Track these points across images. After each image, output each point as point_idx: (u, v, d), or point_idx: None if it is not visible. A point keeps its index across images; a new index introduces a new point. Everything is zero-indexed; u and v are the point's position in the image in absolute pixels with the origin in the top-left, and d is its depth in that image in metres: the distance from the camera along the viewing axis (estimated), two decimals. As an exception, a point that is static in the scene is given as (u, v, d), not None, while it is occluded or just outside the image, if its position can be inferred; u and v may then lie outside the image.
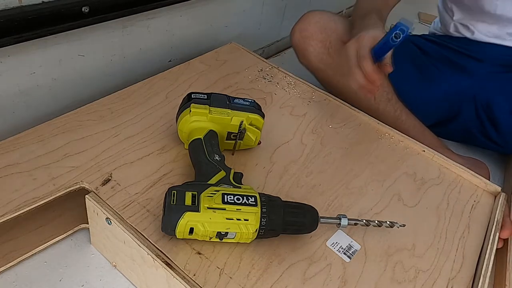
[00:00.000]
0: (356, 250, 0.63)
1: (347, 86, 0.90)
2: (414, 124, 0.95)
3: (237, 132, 0.70)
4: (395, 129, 0.89)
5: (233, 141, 0.71)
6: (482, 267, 0.65)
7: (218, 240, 0.56)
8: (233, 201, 0.56)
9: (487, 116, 1.01)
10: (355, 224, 0.64)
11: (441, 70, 1.07)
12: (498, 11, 0.98)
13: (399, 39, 0.67)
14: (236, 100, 0.71)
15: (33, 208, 0.58)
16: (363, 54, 0.74)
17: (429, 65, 1.08)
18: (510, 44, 1.03)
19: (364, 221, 0.64)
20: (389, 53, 0.74)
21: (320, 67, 0.98)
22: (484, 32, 1.04)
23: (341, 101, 0.94)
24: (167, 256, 0.55)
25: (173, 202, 0.54)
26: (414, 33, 0.82)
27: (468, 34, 1.08)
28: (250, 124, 0.70)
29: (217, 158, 0.64)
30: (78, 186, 0.62)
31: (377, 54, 0.74)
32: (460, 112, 1.04)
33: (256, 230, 0.56)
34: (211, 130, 0.67)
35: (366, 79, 0.74)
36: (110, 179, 0.64)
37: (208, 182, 0.59)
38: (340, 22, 1.00)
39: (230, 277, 0.55)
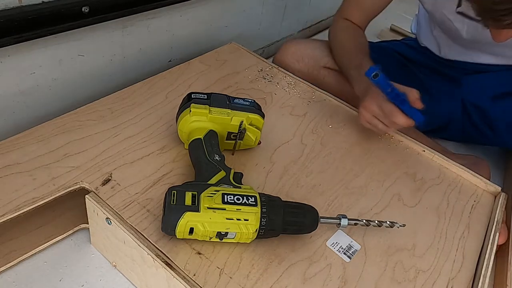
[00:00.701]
0: (356, 250, 0.63)
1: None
2: (406, 132, 0.96)
3: (237, 132, 0.70)
4: None
5: (233, 141, 0.71)
6: (482, 267, 0.65)
7: (218, 240, 0.56)
8: (233, 201, 0.56)
9: (479, 116, 1.02)
10: (355, 224, 0.64)
11: (427, 77, 1.08)
12: (465, 35, 0.98)
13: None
14: (236, 100, 0.71)
15: (33, 208, 0.58)
16: (390, 110, 0.76)
17: (416, 72, 1.10)
18: (478, 61, 1.03)
19: (364, 221, 0.64)
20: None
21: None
22: (449, 52, 1.05)
23: (341, 101, 0.94)
24: (167, 256, 0.55)
25: (173, 202, 0.54)
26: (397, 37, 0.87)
27: (436, 51, 1.08)
28: (250, 124, 0.70)
29: (217, 158, 0.64)
30: (78, 186, 0.62)
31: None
32: (453, 116, 1.05)
33: (256, 230, 0.56)
34: (211, 130, 0.67)
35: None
36: (110, 179, 0.64)
37: (208, 182, 0.59)
38: (317, 47, 1.05)
39: (230, 277, 0.55)
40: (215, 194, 0.56)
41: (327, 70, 1.03)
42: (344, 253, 0.63)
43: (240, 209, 0.56)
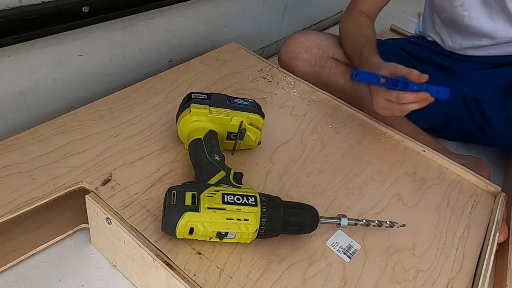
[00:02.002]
0: (356, 250, 0.63)
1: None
2: (407, 129, 0.96)
3: (237, 132, 0.70)
4: None
5: (233, 141, 0.71)
6: (482, 267, 0.65)
7: (218, 240, 0.56)
8: (233, 201, 0.56)
9: (479, 113, 1.02)
10: (355, 224, 0.64)
11: (428, 72, 1.08)
12: (466, 21, 0.98)
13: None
14: (236, 100, 0.71)
15: (33, 208, 0.58)
16: (397, 96, 0.76)
17: (417, 67, 1.09)
18: (483, 53, 1.03)
19: (364, 221, 0.64)
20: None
21: (309, 81, 1.01)
22: (455, 44, 1.06)
23: (341, 101, 0.94)
24: (167, 256, 0.55)
25: (173, 202, 0.54)
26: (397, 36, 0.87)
27: (441, 44, 1.09)
28: (250, 124, 0.70)
29: (217, 158, 0.64)
30: (78, 186, 0.62)
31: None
32: (454, 112, 1.05)
33: (256, 230, 0.56)
34: (211, 130, 0.67)
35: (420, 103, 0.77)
36: (110, 179, 0.64)
37: (208, 182, 0.59)
38: (325, 39, 1.05)
39: (230, 277, 0.55)
40: (215, 194, 0.56)
41: (334, 61, 1.03)
42: (344, 253, 0.63)
43: (240, 209, 0.56)
